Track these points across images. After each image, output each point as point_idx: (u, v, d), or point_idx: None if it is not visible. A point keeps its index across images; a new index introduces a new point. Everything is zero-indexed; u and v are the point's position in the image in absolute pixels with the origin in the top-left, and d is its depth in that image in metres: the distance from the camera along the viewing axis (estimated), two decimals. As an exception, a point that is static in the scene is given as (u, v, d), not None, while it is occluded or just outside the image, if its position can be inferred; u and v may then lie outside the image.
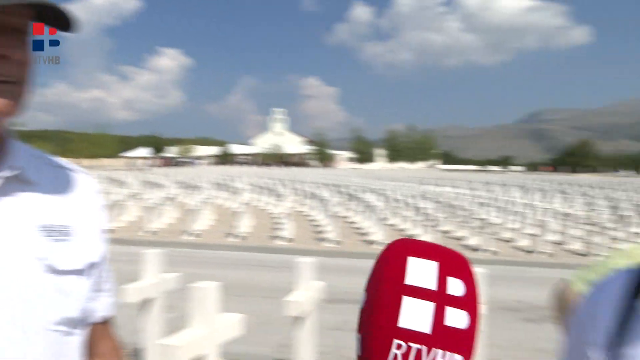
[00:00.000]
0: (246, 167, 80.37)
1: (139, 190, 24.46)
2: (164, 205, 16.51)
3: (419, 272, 0.56)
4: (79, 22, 0.82)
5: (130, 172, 48.67)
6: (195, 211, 14.47)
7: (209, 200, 19.35)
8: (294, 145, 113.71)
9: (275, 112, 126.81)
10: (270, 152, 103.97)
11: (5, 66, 0.76)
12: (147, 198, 19.53)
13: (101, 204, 0.98)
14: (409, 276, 0.56)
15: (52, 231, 0.85)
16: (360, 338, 0.57)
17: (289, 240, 12.48)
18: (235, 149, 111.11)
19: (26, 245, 0.81)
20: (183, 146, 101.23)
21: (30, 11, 0.78)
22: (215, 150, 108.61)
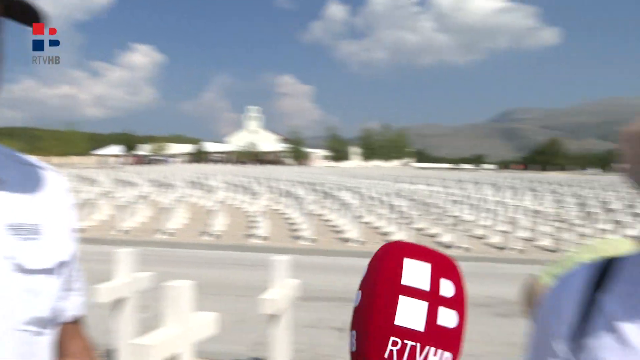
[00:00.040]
0: (221, 165, 79.78)
1: (110, 189, 24.03)
2: (137, 203, 16.27)
3: (414, 273, 0.59)
4: (47, 17, 0.81)
5: (102, 170, 47.77)
6: (168, 210, 14.30)
7: (183, 199, 19.14)
8: (269, 143, 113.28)
9: (250, 110, 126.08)
10: (245, 150, 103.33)
11: None
12: (119, 196, 19.21)
13: (71, 202, 0.97)
14: (405, 277, 0.59)
15: (21, 230, 0.84)
16: (355, 335, 0.59)
17: (264, 239, 12.44)
18: (210, 146, 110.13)
19: (-6, 244, 0.80)
20: (156, 144, 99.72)
21: None
22: (189, 148, 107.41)
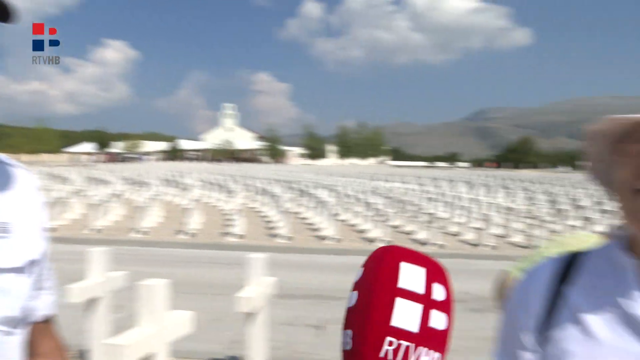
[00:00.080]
0: (196, 163, 78.97)
1: (83, 187, 23.56)
2: (110, 202, 16.00)
3: (410, 277, 0.62)
4: (17, 12, 0.79)
5: (74, 168, 46.77)
6: (143, 208, 14.10)
7: (157, 197, 18.88)
8: (245, 141, 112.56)
9: (225, 108, 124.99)
10: (220, 148, 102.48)
11: None
12: (91, 195, 18.85)
13: (42, 201, 0.95)
14: (402, 280, 0.61)
15: (-10, 228, 0.82)
16: (351, 334, 0.61)
17: (240, 237, 12.38)
18: (185, 144, 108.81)
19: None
20: (130, 141, 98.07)
21: None
22: (163, 146, 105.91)
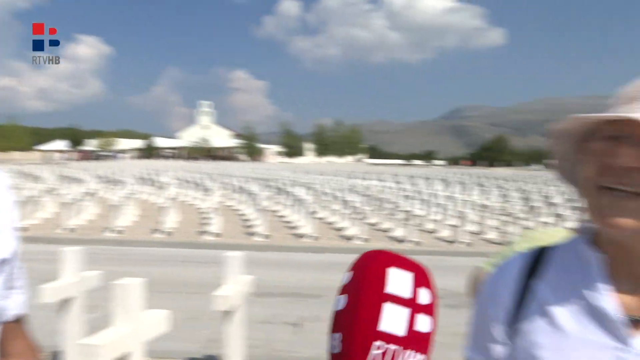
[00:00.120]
0: (172, 161, 78.07)
1: (55, 185, 23.07)
2: (84, 200, 15.70)
3: (397, 282, 0.63)
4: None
5: (46, 166, 45.76)
6: (117, 207, 13.88)
7: (132, 196, 18.61)
8: (222, 138, 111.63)
9: (202, 105, 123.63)
10: (197, 146, 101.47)
11: None
12: (64, 193, 18.46)
13: (13, 199, 0.94)
14: (390, 285, 0.62)
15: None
16: (340, 338, 0.62)
17: (217, 235, 12.30)
18: (161, 142, 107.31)
19: None
20: (104, 139, 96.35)
21: None
22: (139, 144, 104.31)
